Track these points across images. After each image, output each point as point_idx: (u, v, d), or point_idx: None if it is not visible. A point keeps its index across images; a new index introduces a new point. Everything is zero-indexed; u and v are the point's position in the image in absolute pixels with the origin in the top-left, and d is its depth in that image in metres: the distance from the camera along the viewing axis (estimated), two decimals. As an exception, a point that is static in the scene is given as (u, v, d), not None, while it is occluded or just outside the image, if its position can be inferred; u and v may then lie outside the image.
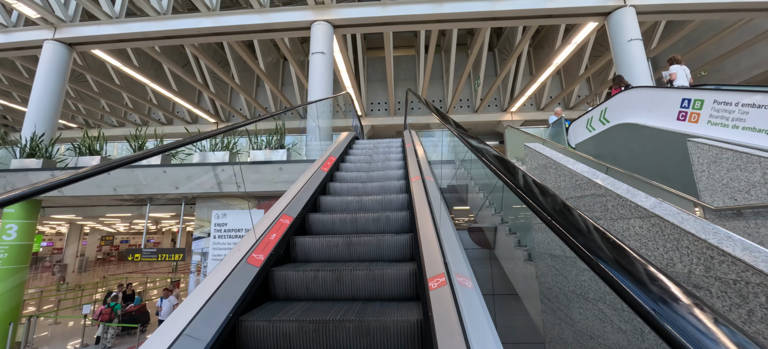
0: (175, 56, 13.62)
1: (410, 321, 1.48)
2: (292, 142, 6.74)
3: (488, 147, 1.50)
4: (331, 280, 1.92)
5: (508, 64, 11.73)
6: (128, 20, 8.07)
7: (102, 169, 1.43)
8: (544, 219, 0.76)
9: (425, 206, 2.34)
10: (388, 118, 15.34)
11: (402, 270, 1.89)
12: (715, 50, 11.27)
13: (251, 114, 16.04)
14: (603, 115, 5.12)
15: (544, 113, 14.98)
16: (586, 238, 0.64)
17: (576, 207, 0.76)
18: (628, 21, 7.16)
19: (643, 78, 6.80)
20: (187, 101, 14.46)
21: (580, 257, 0.61)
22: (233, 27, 7.78)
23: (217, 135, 5.82)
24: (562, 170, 2.50)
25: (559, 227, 0.70)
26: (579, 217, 0.72)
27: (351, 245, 2.34)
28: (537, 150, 2.96)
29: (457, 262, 1.67)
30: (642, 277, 0.51)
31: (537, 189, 0.90)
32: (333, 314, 1.58)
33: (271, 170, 6.21)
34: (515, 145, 6.46)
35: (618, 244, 0.59)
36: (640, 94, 4.38)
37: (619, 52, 7.14)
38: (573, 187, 2.41)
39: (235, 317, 1.57)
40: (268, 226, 2.31)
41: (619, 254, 0.57)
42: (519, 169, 1.09)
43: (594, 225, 0.68)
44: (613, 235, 0.63)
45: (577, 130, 5.84)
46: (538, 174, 2.86)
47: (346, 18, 7.40)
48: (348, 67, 10.34)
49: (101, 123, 16.83)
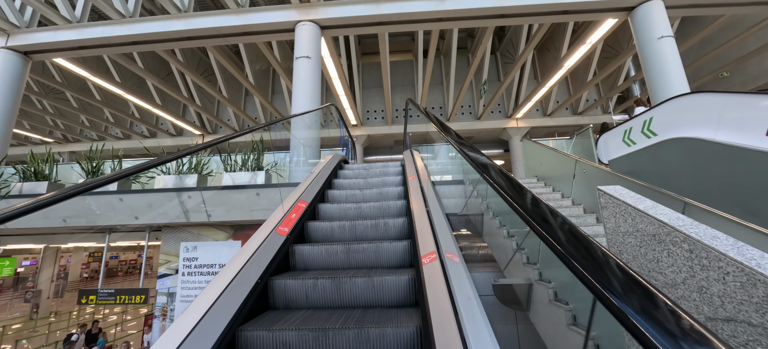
0: (157, 68, 12.70)
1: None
2: (273, 163, 5.76)
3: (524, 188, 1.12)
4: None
5: (515, 68, 10.84)
6: (90, 25, 7.14)
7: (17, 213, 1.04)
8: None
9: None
10: (385, 127, 14.41)
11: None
12: (736, 51, 10.45)
13: (240, 126, 15.09)
14: (647, 126, 4.18)
15: (551, 120, 14.10)
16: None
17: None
18: (656, 15, 6.27)
19: (678, 82, 5.89)
20: (172, 115, 13.51)
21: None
22: (207, 30, 6.85)
23: (183, 157, 4.86)
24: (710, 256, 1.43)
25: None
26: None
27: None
28: (641, 209, 1.61)
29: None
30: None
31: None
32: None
33: (246, 196, 5.22)
34: (534, 159, 5.51)
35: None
36: (706, 101, 3.44)
37: (648, 52, 6.24)
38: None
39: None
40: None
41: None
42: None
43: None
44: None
45: (611, 143, 4.89)
46: (636, 244, 1.72)
47: (334, 17, 6.48)
48: (340, 73, 9.42)
49: (81, 137, 15.83)
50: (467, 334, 1.22)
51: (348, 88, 10.75)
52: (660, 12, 6.28)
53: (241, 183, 5.41)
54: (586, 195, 4.03)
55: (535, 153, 5.41)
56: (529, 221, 1.02)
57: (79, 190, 1.36)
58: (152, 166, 1.91)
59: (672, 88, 5.88)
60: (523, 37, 10.86)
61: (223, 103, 13.80)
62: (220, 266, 5.75)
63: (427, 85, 11.12)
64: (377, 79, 14.60)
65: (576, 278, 0.73)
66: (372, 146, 16.21)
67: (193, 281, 5.77)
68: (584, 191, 4.04)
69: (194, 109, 13.45)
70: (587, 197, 4.01)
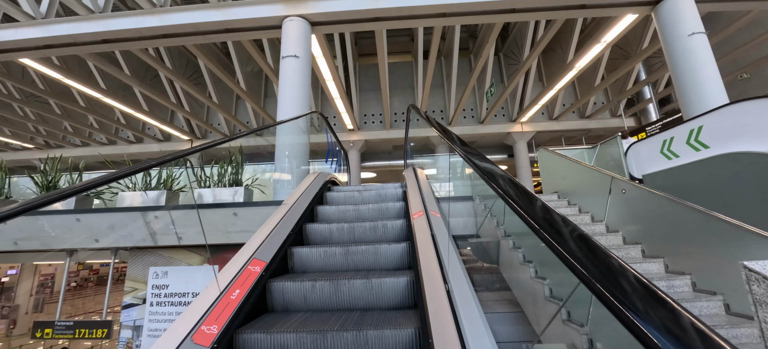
0: (142, 71, 11.98)
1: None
2: (253, 177, 5.05)
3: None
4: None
5: (521, 73, 10.17)
6: (55, 21, 6.43)
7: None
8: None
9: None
10: (383, 131, 13.71)
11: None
12: (757, 52, 9.84)
13: (231, 131, 14.36)
14: (695, 136, 3.50)
15: (558, 124, 13.44)
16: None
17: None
18: (686, 9, 5.61)
19: (713, 85, 5.22)
20: (159, 121, 12.79)
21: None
22: (185, 26, 6.15)
23: (150, 168, 4.13)
24: None
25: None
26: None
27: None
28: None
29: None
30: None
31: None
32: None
33: (222, 217, 4.51)
34: (554, 173, 4.82)
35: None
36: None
37: (677, 50, 5.57)
38: None
39: None
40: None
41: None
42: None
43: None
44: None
45: (644, 154, 4.21)
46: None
47: (326, 12, 5.80)
48: (335, 75, 8.74)
49: (64, 143, 15.07)
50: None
51: (344, 91, 10.06)
52: (689, 6, 5.62)
53: (219, 200, 4.69)
54: (625, 220, 3.33)
55: (556, 166, 4.72)
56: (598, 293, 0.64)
57: (12, 211, 1.10)
58: (104, 182, 1.51)
59: (706, 91, 5.21)
60: (528, 37, 10.20)
61: (213, 109, 13.08)
62: (194, 295, 5.03)
63: (428, 88, 10.44)
64: (375, 81, 13.93)
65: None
66: (370, 151, 15.51)
67: (163, 312, 5.02)
68: (623, 214, 3.34)
69: (183, 114, 12.74)
70: (627, 222, 3.31)
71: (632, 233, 3.23)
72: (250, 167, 5.63)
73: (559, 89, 10.80)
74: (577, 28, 9.88)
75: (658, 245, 2.97)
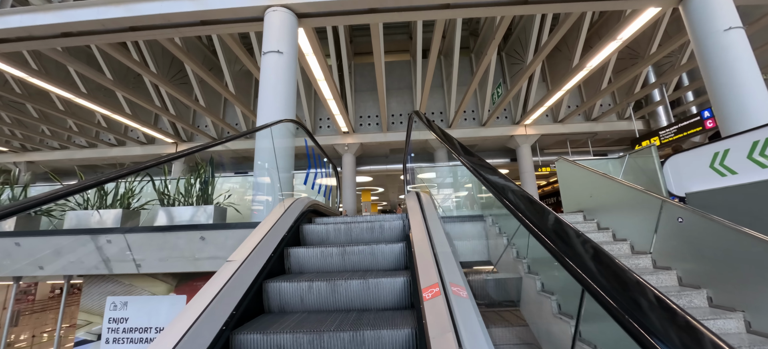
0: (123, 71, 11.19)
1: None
2: (227, 193, 4.33)
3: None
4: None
5: (525, 75, 9.52)
6: (7, 13, 5.67)
7: None
8: None
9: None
10: (380, 134, 13.01)
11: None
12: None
13: (219, 134, 13.60)
14: (760, 150, 2.85)
15: (563, 126, 12.83)
16: None
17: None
18: (719, 1, 4.98)
19: (754, 86, 4.59)
20: (143, 124, 12.00)
21: None
22: (155, 17, 5.42)
23: (104, 184, 3.41)
24: None
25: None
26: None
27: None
28: None
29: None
30: None
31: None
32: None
33: (186, 241, 3.80)
34: (578, 188, 4.14)
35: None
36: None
37: (709, 47, 4.93)
38: None
39: None
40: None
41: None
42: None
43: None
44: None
45: (687, 168, 3.55)
46: None
47: (315, 2, 5.09)
48: (327, 74, 8.04)
49: (41, 147, 14.22)
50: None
51: (337, 92, 9.35)
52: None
53: (180, 221, 3.98)
54: (680, 254, 2.66)
55: (579, 180, 4.05)
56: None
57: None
58: (68, 193, 1.36)
59: (746, 95, 4.57)
60: (533, 34, 9.56)
61: (199, 112, 12.30)
62: (157, 330, 4.31)
63: (428, 89, 9.77)
64: (371, 81, 13.24)
65: None
66: (366, 155, 14.81)
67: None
68: (677, 247, 2.67)
69: (168, 118, 11.96)
70: (683, 258, 2.64)
71: (691, 273, 2.56)
72: (230, 180, 4.92)
73: (567, 90, 10.17)
74: (585, 25, 9.25)
75: (729, 293, 2.31)
